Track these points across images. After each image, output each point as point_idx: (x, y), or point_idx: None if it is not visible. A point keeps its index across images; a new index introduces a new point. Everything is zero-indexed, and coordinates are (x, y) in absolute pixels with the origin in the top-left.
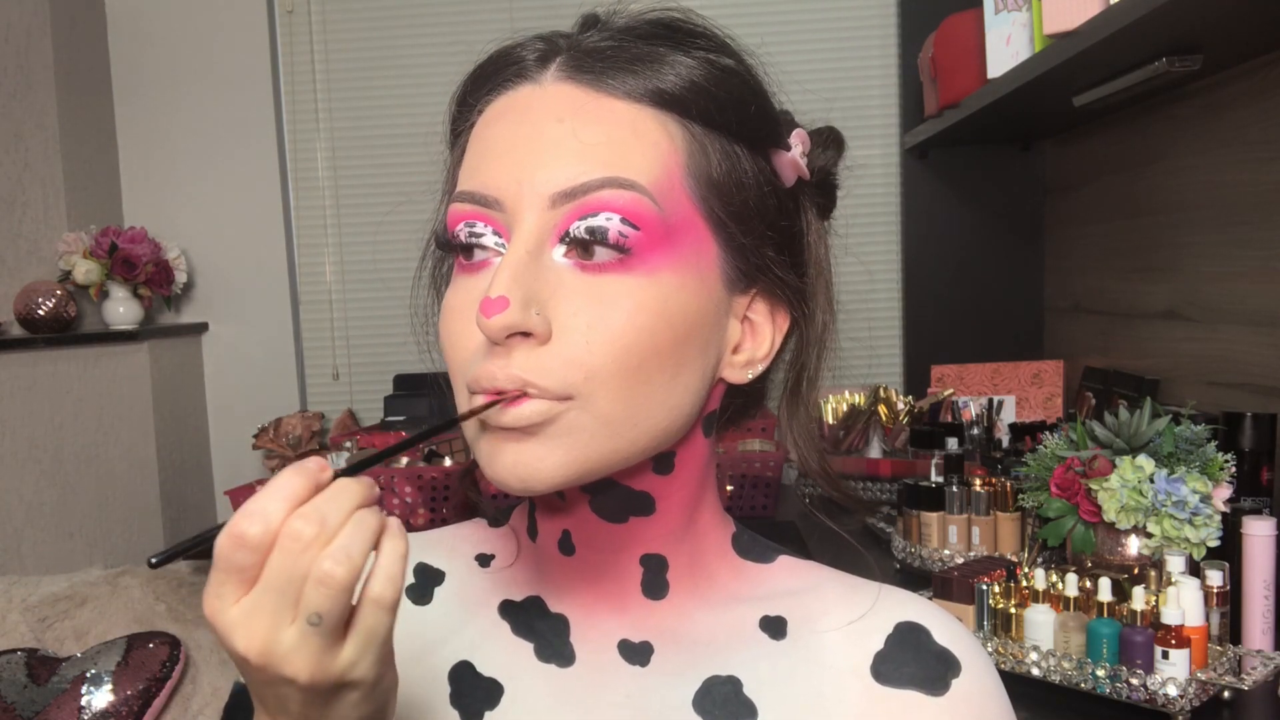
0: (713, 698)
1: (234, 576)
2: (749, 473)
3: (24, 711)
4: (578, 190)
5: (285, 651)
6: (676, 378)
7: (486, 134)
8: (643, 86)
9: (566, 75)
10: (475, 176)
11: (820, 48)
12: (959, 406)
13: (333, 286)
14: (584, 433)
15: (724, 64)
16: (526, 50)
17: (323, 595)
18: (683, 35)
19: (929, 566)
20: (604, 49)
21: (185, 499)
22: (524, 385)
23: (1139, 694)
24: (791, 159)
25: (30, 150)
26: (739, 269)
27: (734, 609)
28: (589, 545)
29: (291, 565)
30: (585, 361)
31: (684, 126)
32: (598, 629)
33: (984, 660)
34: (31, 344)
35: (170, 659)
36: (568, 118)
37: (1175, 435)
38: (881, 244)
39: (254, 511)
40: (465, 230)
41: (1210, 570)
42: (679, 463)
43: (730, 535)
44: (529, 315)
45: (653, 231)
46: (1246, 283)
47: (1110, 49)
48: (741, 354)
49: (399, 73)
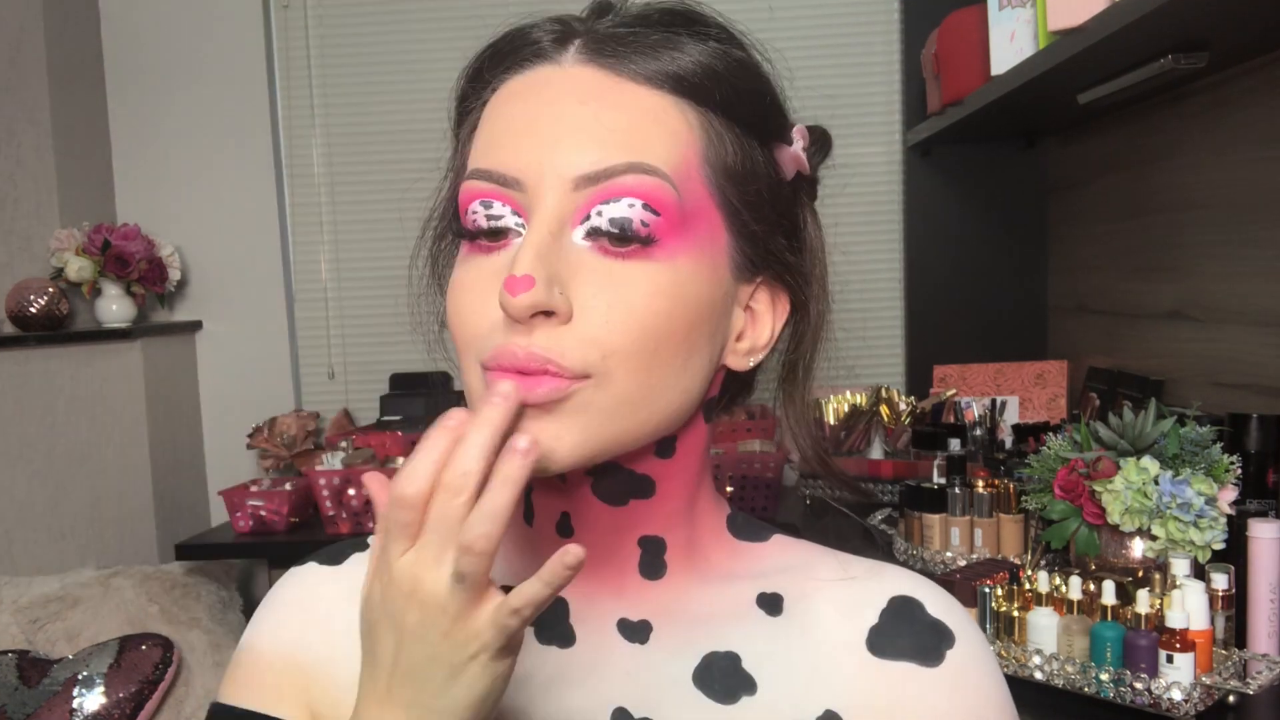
0: (712, 672)
1: (399, 532)
2: (749, 473)
3: (15, 714)
4: (601, 175)
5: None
6: (688, 361)
7: (504, 112)
8: (663, 72)
9: (587, 58)
10: (493, 154)
11: (822, 44)
12: (961, 407)
13: (328, 285)
14: (600, 412)
15: (738, 55)
16: (542, 31)
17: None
18: (697, 24)
19: (931, 569)
20: (622, 34)
21: (179, 499)
22: (545, 364)
23: (1143, 698)
24: (794, 153)
25: (22, 146)
26: (748, 257)
27: (731, 586)
28: (588, 528)
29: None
30: (604, 341)
31: (701, 114)
32: (596, 609)
33: (976, 632)
34: (23, 342)
35: (163, 661)
36: (590, 101)
37: (1180, 437)
38: (883, 242)
39: (411, 475)
40: (483, 212)
41: (1215, 573)
42: (680, 446)
43: (725, 517)
44: (553, 294)
45: (672, 217)
46: (1253, 283)
47: (1115, 46)
48: (744, 341)
49: (395, 68)
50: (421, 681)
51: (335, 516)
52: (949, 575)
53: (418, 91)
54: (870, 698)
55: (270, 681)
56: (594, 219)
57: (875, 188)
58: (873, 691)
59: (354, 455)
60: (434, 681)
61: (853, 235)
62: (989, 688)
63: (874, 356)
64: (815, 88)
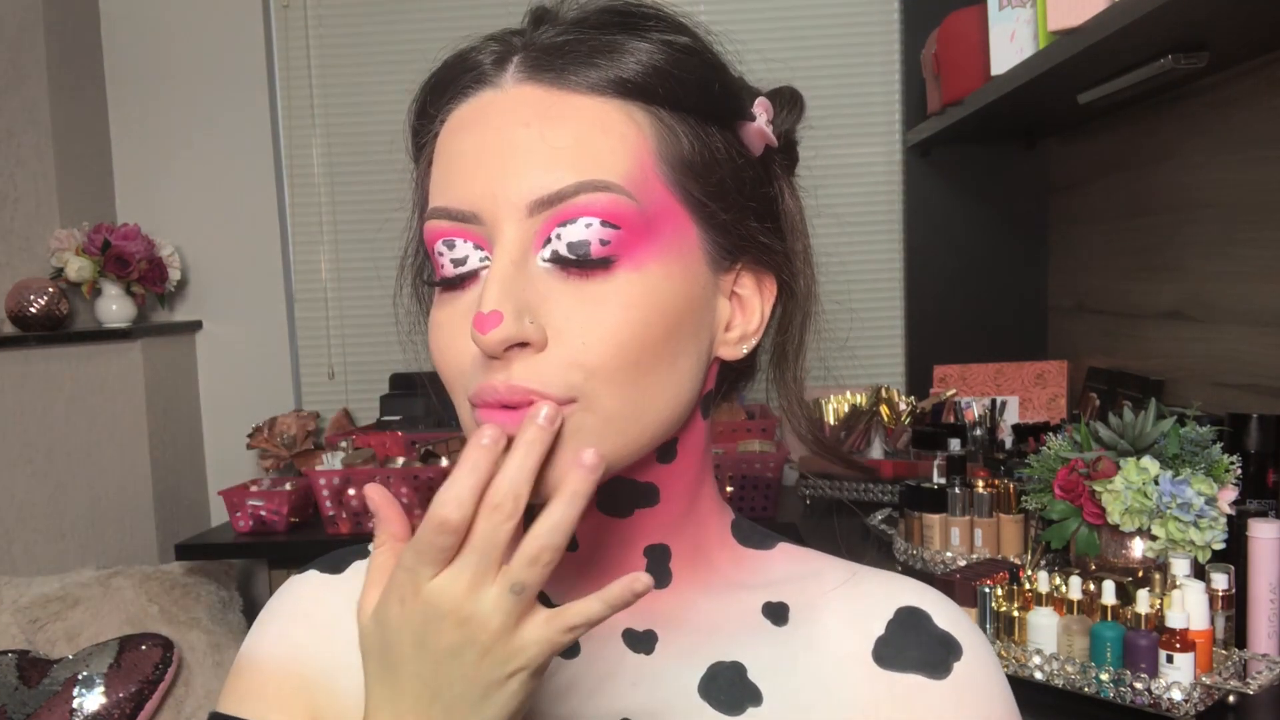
0: (718, 683)
1: (433, 557)
2: (749, 473)
3: (15, 714)
4: (554, 198)
5: (485, 610)
6: (674, 366)
7: (452, 146)
8: (604, 78)
9: (526, 75)
10: (448, 191)
11: (822, 44)
12: (961, 407)
13: (328, 284)
14: (591, 433)
15: (681, 43)
16: (481, 54)
17: (533, 572)
18: (636, 19)
19: (931, 569)
20: (560, 44)
21: (179, 499)
22: (527, 395)
23: (1143, 698)
24: (758, 129)
25: (22, 146)
26: (722, 247)
27: (736, 596)
28: (594, 542)
29: (493, 532)
30: (584, 362)
31: (650, 113)
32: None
33: (984, 643)
34: (23, 342)
35: (163, 661)
36: (534, 122)
37: (1180, 437)
38: (883, 243)
39: (449, 499)
40: (448, 255)
41: (1215, 573)
42: (681, 448)
43: (729, 523)
44: (524, 325)
45: (633, 227)
46: (1253, 282)
47: (1115, 46)
48: (734, 330)
49: (396, 68)
50: (451, 703)
51: (335, 516)
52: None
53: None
54: (876, 710)
55: (272, 692)
56: (554, 243)
57: (875, 188)
58: (878, 703)
59: (354, 455)
60: (466, 702)
61: (853, 235)
62: (995, 700)
63: (874, 356)
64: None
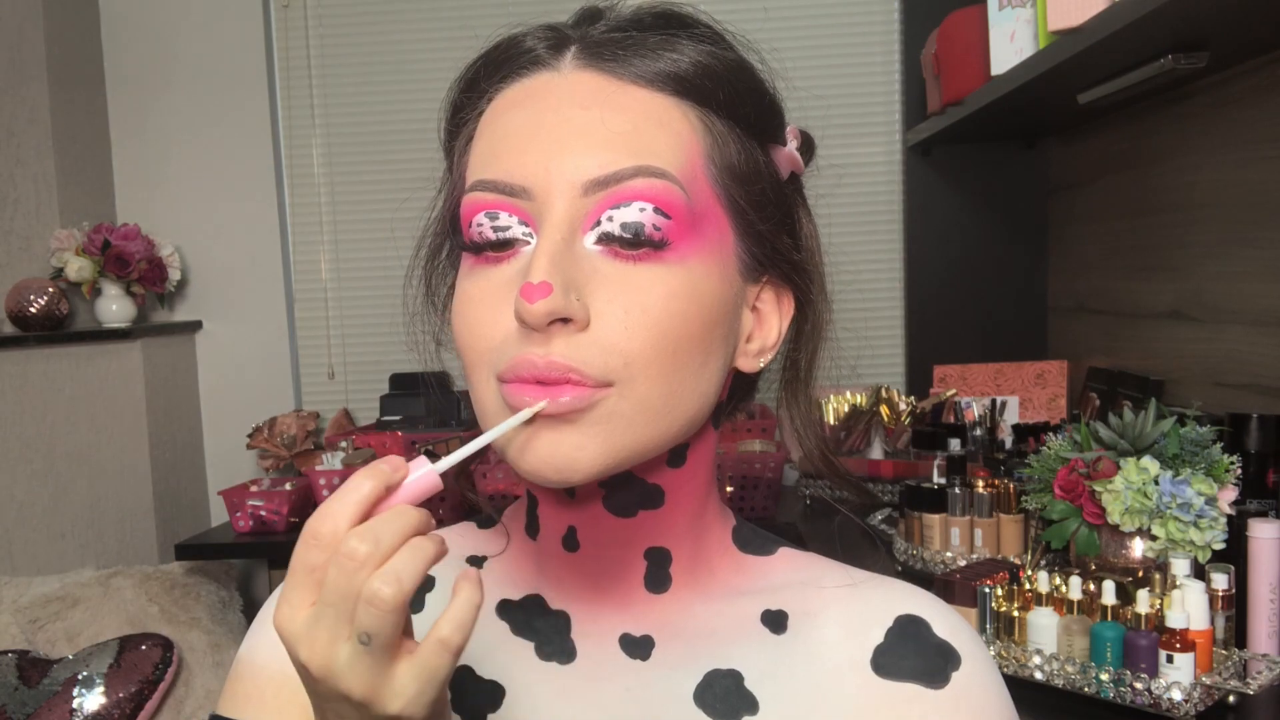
0: (714, 691)
1: (305, 578)
2: (749, 473)
3: (15, 714)
4: (610, 179)
5: (341, 667)
6: (705, 365)
7: (505, 121)
8: (664, 73)
9: (585, 62)
10: (497, 164)
11: (822, 44)
12: (961, 407)
13: (328, 284)
14: (622, 420)
15: (733, 56)
16: (535, 40)
17: (371, 615)
18: (689, 26)
19: (931, 569)
20: (619, 38)
21: (179, 499)
22: (566, 372)
23: (1143, 698)
24: (789, 154)
25: (22, 146)
26: (755, 257)
27: (735, 602)
28: (595, 541)
29: (346, 582)
30: (625, 348)
31: (703, 115)
32: (599, 624)
33: (984, 653)
34: (23, 342)
35: (163, 661)
36: (593, 105)
37: (1180, 437)
38: (883, 243)
39: (326, 513)
40: (489, 224)
41: (1215, 573)
42: (691, 454)
43: (731, 529)
44: (570, 301)
45: (682, 220)
46: (1253, 282)
47: (1115, 46)
48: (754, 343)
49: (396, 68)
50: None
51: None
52: (949, 575)
53: (418, 92)
54: (874, 718)
55: (271, 695)
56: (605, 224)
57: (875, 188)
58: (876, 712)
59: (354, 455)
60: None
61: (853, 235)
62: (993, 711)
63: (874, 356)
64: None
